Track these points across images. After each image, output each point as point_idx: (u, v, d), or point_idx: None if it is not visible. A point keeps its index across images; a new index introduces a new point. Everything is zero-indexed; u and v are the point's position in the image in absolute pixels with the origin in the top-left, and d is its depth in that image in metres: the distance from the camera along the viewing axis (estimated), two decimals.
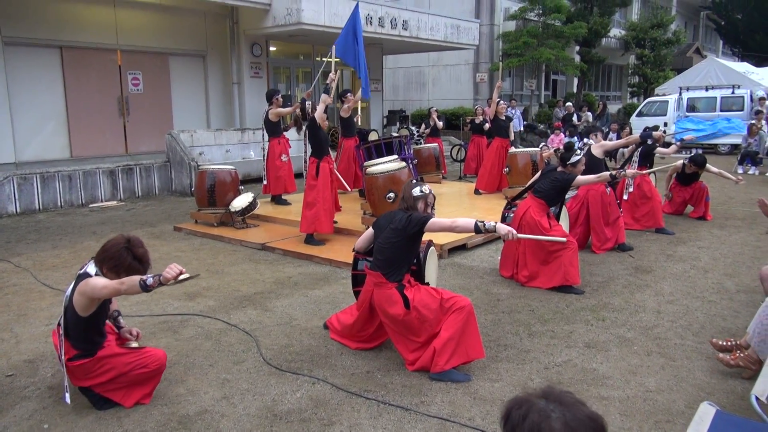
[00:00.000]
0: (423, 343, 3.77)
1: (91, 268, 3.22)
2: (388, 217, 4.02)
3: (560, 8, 19.49)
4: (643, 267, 6.17)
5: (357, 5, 8.02)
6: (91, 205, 9.96)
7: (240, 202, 7.77)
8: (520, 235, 4.13)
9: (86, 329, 3.25)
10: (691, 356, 4.04)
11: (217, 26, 13.78)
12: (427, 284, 4.20)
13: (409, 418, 3.31)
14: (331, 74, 7.63)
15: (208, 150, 11.83)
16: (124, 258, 3.19)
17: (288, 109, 8.90)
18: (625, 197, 7.82)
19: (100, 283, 3.07)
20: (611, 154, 8.38)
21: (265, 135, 9.04)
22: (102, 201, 10.19)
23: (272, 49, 15.04)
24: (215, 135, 12.24)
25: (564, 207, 6.44)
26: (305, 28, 12.51)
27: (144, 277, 2.94)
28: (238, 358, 4.06)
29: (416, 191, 3.92)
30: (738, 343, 3.88)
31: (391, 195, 6.68)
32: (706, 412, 2.60)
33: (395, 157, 7.79)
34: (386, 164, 7.30)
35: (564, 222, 6.37)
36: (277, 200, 9.09)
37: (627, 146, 7.88)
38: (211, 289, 5.55)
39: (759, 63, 26.58)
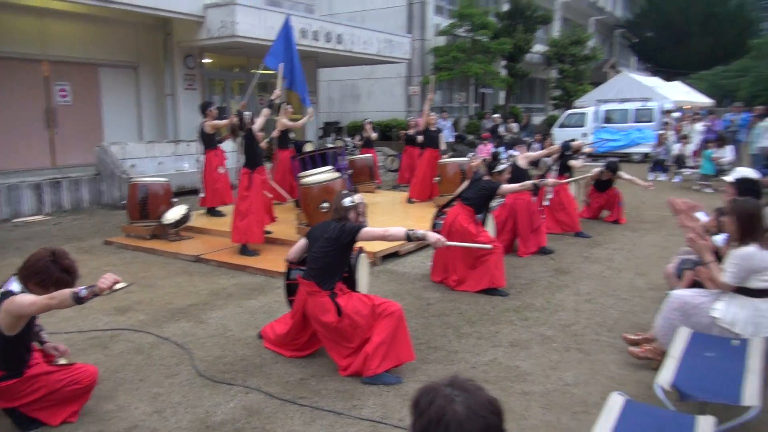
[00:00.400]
0: (355, 349, 3.80)
1: (15, 286, 3.07)
2: (321, 228, 4.05)
3: (487, 25, 20.08)
4: (563, 269, 6.43)
5: (288, 18, 8.01)
6: (14, 220, 9.45)
7: (173, 214, 7.58)
8: (448, 243, 4.26)
9: (13, 349, 3.10)
10: (606, 350, 4.25)
11: (150, 37, 13.41)
12: (359, 291, 4.24)
13: (341, 422, 3.32)
14: (276, 90, 7.58)
15: (141, 162, 11.47)
16: (51, 271, 3.07)
17: (224, 122, 8.76)
18: (546, 203, 8.14)
19: (27, 300, 2.93)
20: (535, 163, 8.70)
21: (201, 147, 8.87)
22: (26, 215, 9.70)
23: (207, 61, 14.76)
24: (147, 147, 11.88)
25: (491, 214, 6.65)
26: (240, 40, 12.36)
27: (76, 290, 2.84)
28: (170, 372, 3.96)
29: (347, 201, 3.96)
30: (646, 336, 4.12)
31: (326, 205, 6.70)
32: (616, 402, 2.76)
33: (330, 167, 7.81)
34: (321, 175, 7.32)
35: (491, 228, 6.56)
36: (212, 212, 8.92)
37: (549, 156, 8.22)
38: (143, 302, 5.38)
39: (668, 78, 28.22)
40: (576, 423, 3.28)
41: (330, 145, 12.13)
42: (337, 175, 7.39)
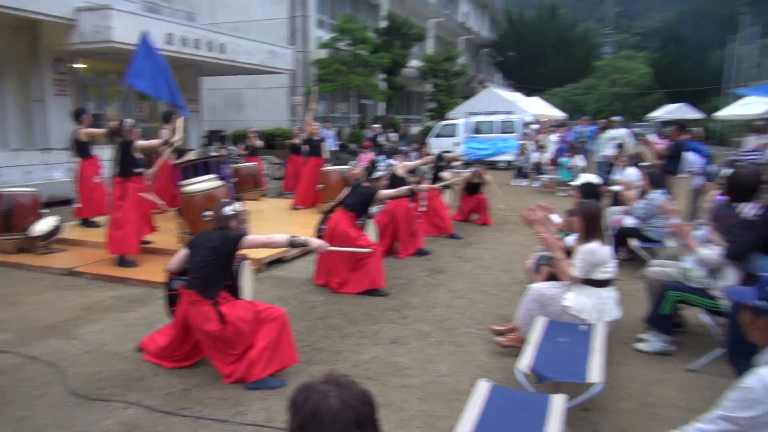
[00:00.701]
0: (239, 356, 3.69)
1: None
2: (203, 237, 3.89)
3: (367, 40, 20.42)
4: (438, 268, 6.68)
5: (145, 35, 7.49)
6: None
7: (42, 226, 6.93)
8: (330, 248, 4.27)
9: None
10: (475, 342, 4.47)
11: (15, 40, 12.16)
12: (243, 298, 4.13)
13: (226, 430, 3.21)
14: (177, 136, 7.24)
15: (7, 171, 10.37)
16: None
17: (101, 130, 8.14)
18: (423, 208, 8.41)
19: None
20: (413, 171, 8.96)
21: (74, 155, 8.18)
22: None
23: (80, 66, 13.66)
24: (13, 155, 10.78)
25: (372, 219, 6.76)
26: (116, 46, 11.56)
27: None
28: (38, 392, 3.61)
29: (228, 210, 3.85)
30: (510, 327, 4.38)
31: (208, 213, 6.44)
32: (482, 388, 2.90)
33: (213, 176, 7.54)
34: (203, 183, 7.04)
35: (372, 232, 6.67)
36: (87, 223, 8.26)
37: (425, 165, 8.52)
38: (7, 321, 4.86)
39: (528, 93, 30.29)
40: (449, 410, 3.41)
41: (213, 154, 11.70)
42: (220, 183, 7.14)
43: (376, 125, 18.47)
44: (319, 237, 5.40)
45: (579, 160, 13.28)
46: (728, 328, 3.62)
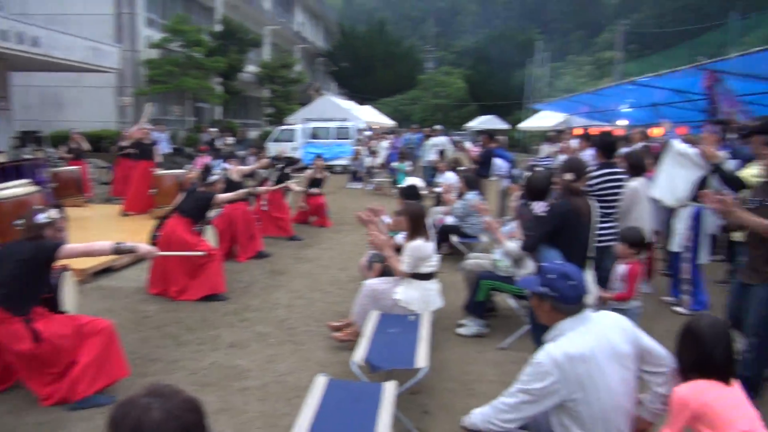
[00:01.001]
0: (59, 375, 3.29)
1: None
2: (11, 248, 3.40)
3: (200, 42, 19.42)
4: (279, 270, 6.59)
5: None
6: None
7: None
8: (161, 253, 3.99)
9: None
10: (314, 339, 4.49)
11: None
12: (64, 312, 3.68)
13: None
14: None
15: None
16: None
17: None
18: (265, 208, 8.25)
19: None
20: (251, 175, 8.72)
21: None
22: None
23: None
24: None
25: (211, 224, 6.46)
26: None
27: None
28: None
29: (41, 217, 3.41)
30: (347, 322, 4.47)
31: (19, 222, 5.64)
32: (320, 383, 2.91)
33: (26, 180, 6.63)
34: (14, 189, 6.16)
35: (211, 237, 6.37)
36: None
37: (261, 168, 8.34)
38: None
39: (361, 102, 31.15)
40: (290, 408, 3.37)
41: (27, 156, 10.29)
42: (34, 188, 6.31)
43: (212, 129, 17.70)
44: (154, 244, 5.01)
45: (407, 165, 13.95)
46: (530, 310, 4.06)
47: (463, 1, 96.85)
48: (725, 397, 1.99)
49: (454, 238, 6.95)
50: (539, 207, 3.88)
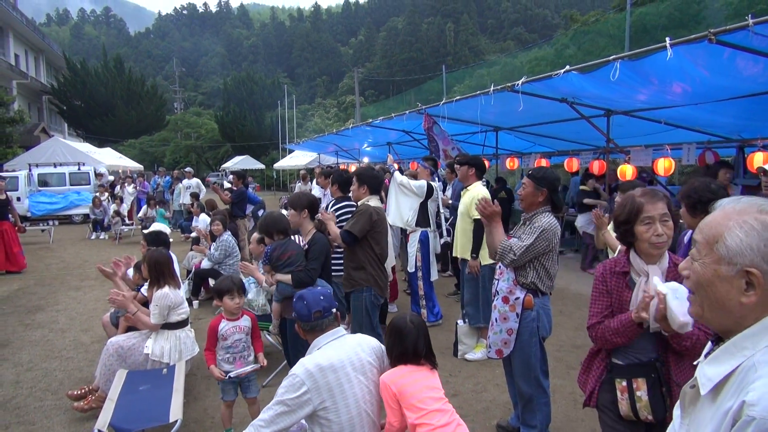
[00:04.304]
0: None
1: None
2: None
3: None
4: (1, 342, 5.57)
5: None
6: None
7: None
8: None
9: None
10: (51, 414, 3.92)
11: None
12: None
13: None
14: None
15: None
16: None
17: None
18: None
19: None
20: None
21: None
22: None
23: None
24: None
25: None
26: None
27: None
28: None
29: None
30: (91, 388, 4.02)
31: None
32: None
33: None
34: None
35: None
36: None
37: None
38: None
39: (100, 144, 28.27)
40: None
41: None
42: None
43: None
44: None
45: (154, 211, 13.12)
46: (283, 340, 4.21)
47: (207, 43, 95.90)
48: (418, 379, 2.36)
49: (212, 282, 6.79)
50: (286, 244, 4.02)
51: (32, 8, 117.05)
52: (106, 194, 14.99)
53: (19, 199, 16.38)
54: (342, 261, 4.43)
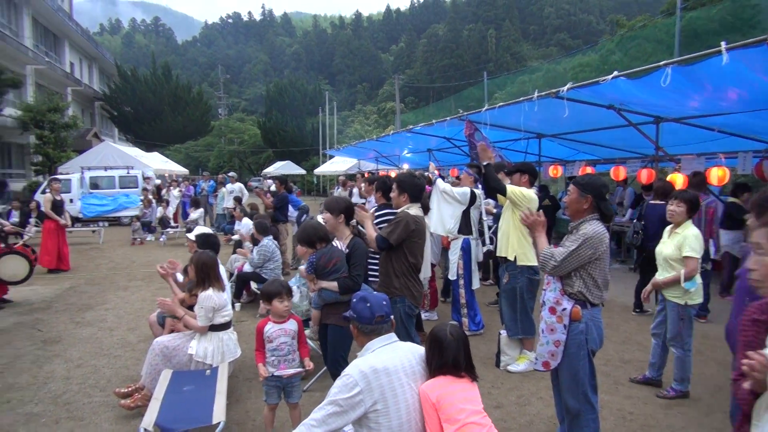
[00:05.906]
0: None
1: None
2: None
3: None
4: (52, 338, 5.78)
5: None
6: None
7: None
8: None
9: None
10: (99, 411, 4.02)
11: None
12: None
13: None
14: None
15: None
16: None
17: None
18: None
19: None
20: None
21: None
22: None
23: None
24: None
25: None
26: None
27: None
28: None
29: None
30: (137, 386, 4.11)
31: None
32: None
33: None
34: None
35: None
36: None
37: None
38: None
39: (147, 149, 29.19)
40: None
41: None
42: None
43: None
44: None
45: (198, 213, 13.40)
46: (323, 345, 4.20)
47: (251, 50, 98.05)
48: (457, 390, 2.30)
49: (254, 285, 6.88)
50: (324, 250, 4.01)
51: (87, 18, 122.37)
52: (150, 197, 15.41)
53: (72, 200, 17.06)
54: (378, 266, 4.40)
